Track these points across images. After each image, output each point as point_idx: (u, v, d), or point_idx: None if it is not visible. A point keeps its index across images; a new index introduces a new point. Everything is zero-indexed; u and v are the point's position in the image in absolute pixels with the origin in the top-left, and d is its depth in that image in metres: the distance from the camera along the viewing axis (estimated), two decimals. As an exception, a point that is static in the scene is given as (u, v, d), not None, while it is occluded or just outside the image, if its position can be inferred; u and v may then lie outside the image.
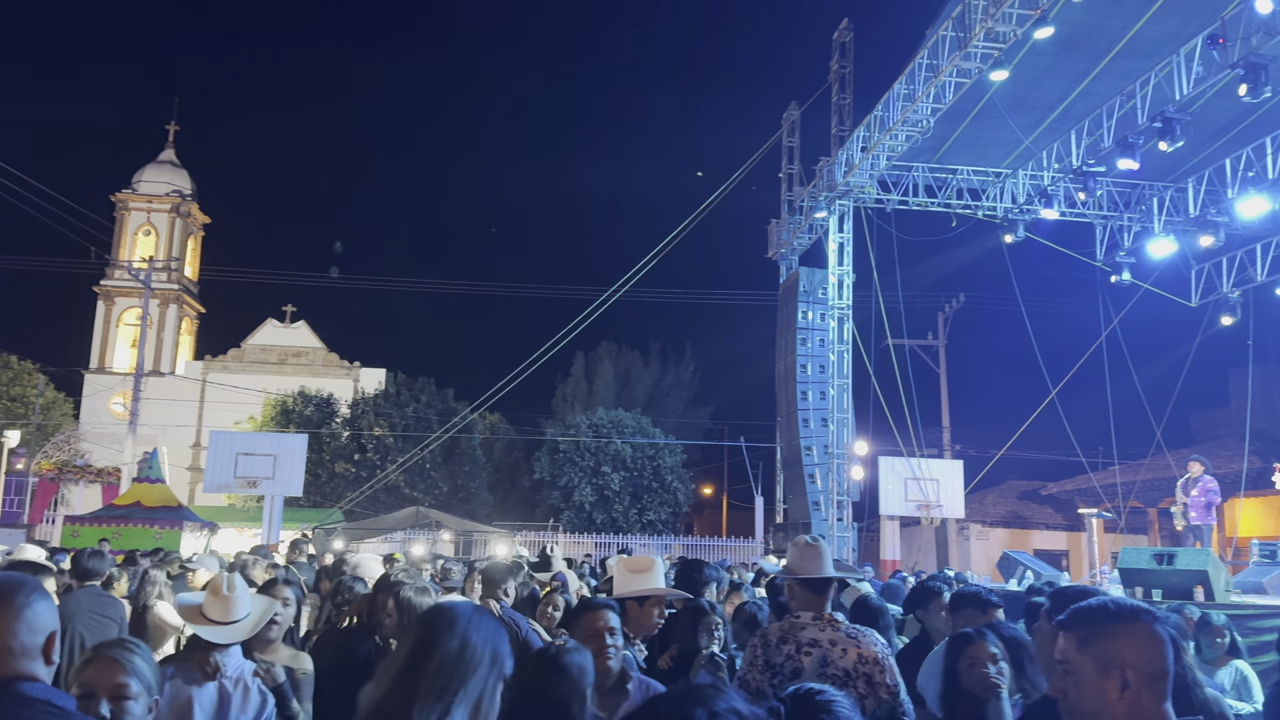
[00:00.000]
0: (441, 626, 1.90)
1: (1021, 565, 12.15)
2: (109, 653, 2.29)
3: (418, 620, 1.98)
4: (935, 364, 29.92)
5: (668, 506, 30.49)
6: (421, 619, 1.97)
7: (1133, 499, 23.43)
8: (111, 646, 2.31)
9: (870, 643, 3.59)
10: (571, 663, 2.82)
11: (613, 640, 3.21)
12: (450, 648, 1.86)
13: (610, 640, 3.21)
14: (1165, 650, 1.85)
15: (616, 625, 3.27)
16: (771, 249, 21.93)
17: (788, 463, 20.42)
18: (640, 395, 38.41)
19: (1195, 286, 19.13)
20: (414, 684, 1.82)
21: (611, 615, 3.29)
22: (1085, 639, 1.89)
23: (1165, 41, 13.14)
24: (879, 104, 16.08)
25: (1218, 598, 8.97)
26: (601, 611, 3.30)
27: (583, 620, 3.31)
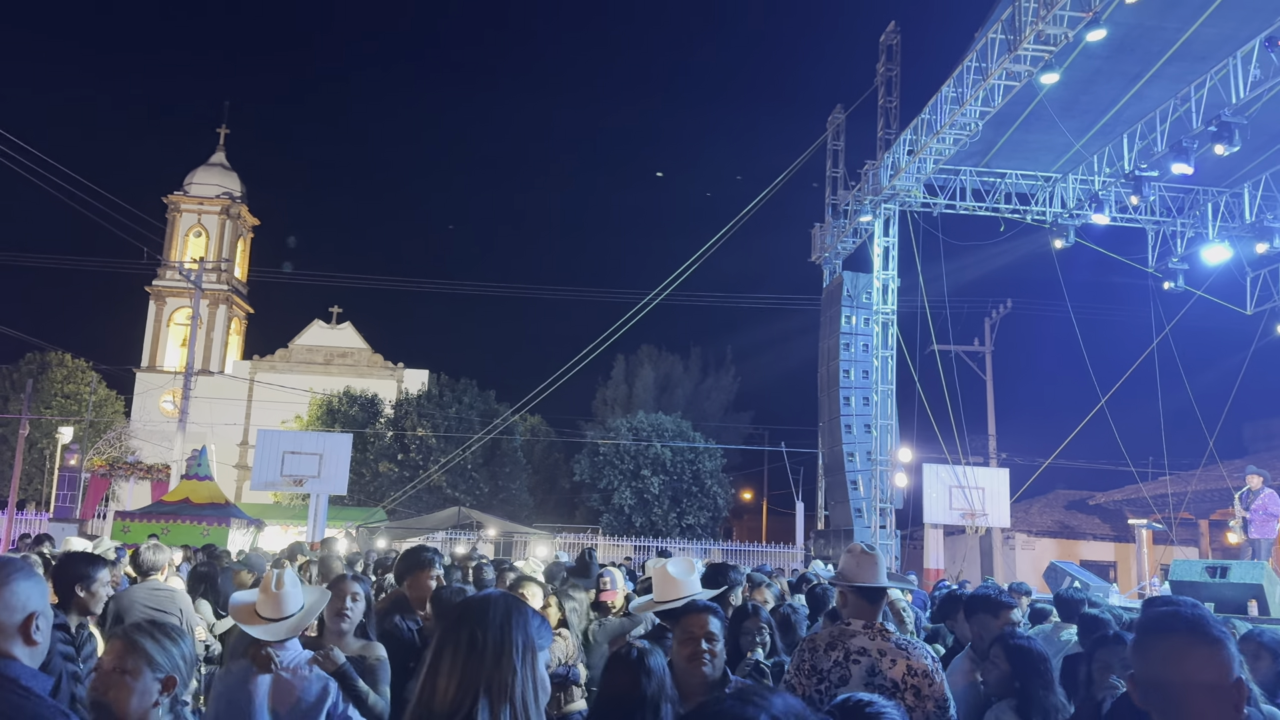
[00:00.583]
0: (472, 615, 1.91)
1: (1069, 576, 11.94)
2: (124, 634, 2.35)
3: (452, 612, 1.99)
4: (981, 370, 29.53)
5: (707, 511, 30.43)
6: (455, 610, 1.98)
7: (1183, 510, 22.93)
8: (133, 629, 2.37)
9: (920, 655, 3.56)
10: (657, 664, 2.81)
11: (709, 645, 3.16)
12: (478, 636, 1.87)
13: (707, 645, 3.16)
14: (1231, 665, 1.82)
15: (717, 630, 3.21)
16: (815, 253, 21.79)
17: (830, 469, 20.26)
18: (680, 399, 38.39)
19: (1250, 294, 18.70)
20: (454, 675, 1.85)
21: (712, 620, 3.23)
22: (1142, 647, 1.89)
23: (1221, 44, 12.86)
24: (926, 107, 15.91)
25: (1273, 612, 8.76)
26: (702, 615, 3.24)
27: (683, 622, 3.26)
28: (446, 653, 1.87)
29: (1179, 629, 1.86)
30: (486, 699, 1.82)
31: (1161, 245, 18.24)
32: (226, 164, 43.41)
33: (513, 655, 1.87)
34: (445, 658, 1.87)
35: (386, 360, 41.36)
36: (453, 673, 1.84)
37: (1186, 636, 1.85)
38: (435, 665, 1.88)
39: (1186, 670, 1.81)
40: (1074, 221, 17.31)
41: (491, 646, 1.86)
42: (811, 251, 21.99)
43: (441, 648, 1.90)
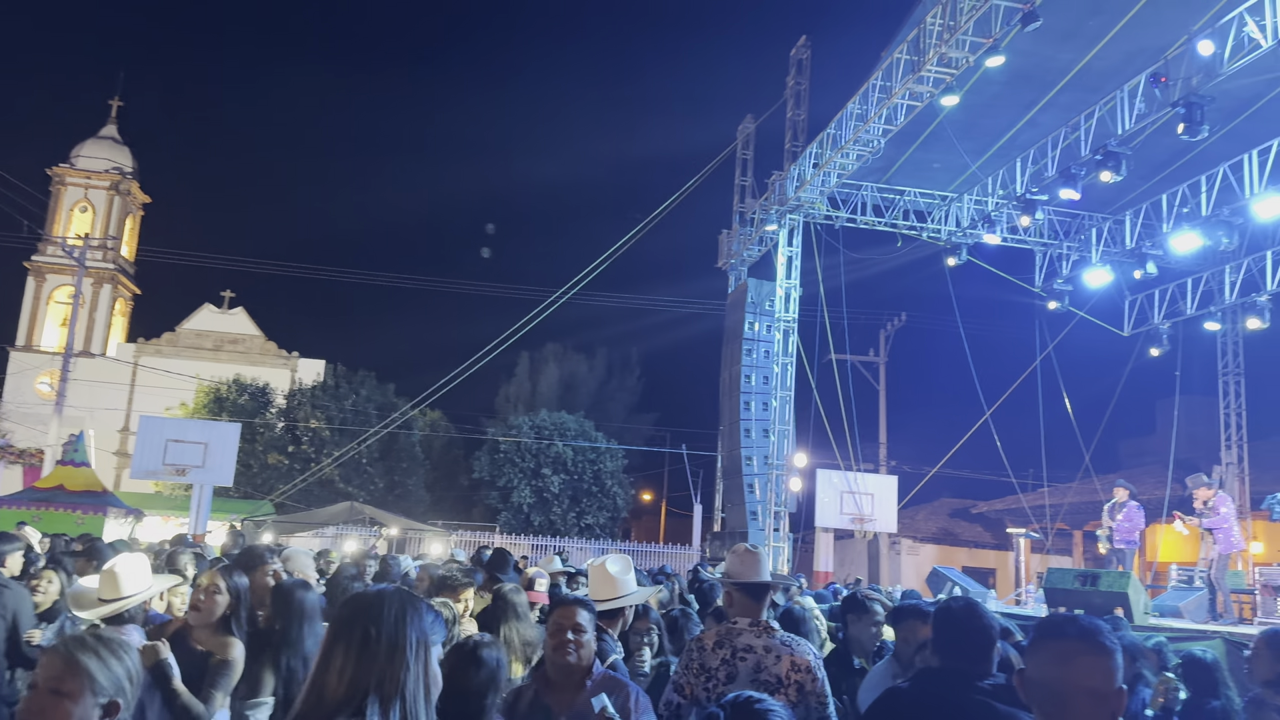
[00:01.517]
0: (366, 611, 1.89)
1: (950, 581, 12.40)
2: (64, 648, 2.10)
3: (345, 607, 1.97)
4: (875, 380, 30.38)
5: (606, 511, 30.49)
6: (348, 605, 1.96)
7: (1059, 520, 24.03)
8: (75, 643, 2.10)
9: (803, 652, 3.65)
10: (489, 657, 2.85)
11: (576, 637, 3.24)
12: (371, 632, 1.85)
13: (573, 636, 3.23)
14: (1114, 676, 1.91)
15: (584, 622, 3.29)
16: (721, 259, 22.09)
17: (728, 472, 20.55)
18: (584, 399, 38.37)
19: (1128, 317, 19.70)
20: (346, 671, 1.83)
21: (581, 612, 3.31)
22: (1035, 651, 1.98)
23: (1110, 76, 13.53)
24: (832, 122, 16.29)
25: (1136, 619, 9.26)
26: (571, 608, 3.32)
27: (553, 615, 3.34)
28: (339, 648, 1.85)
29: (1072, 634, 1.96)
30: (377, 695, 1.80)
31: (1048, 266, 19.06)
32: (118, 138, 41.40)
33: (406, 651, 1.86)
34: (337, 653, 1.85)
35: (281, 348, 40.11)
36: (345, 668, 1.82)
37: (1078, 642, 1.93)
38: (326, 659, 1.86)
39: (1074, 673, 1.89)
40: (967, 240, 17.95)
41: (385, 643, 1.85)
42: (718, 257, 22.28)
43: (334, 642, 1.87)
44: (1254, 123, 13.86)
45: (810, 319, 19.05)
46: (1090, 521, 20.02)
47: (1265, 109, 13.58)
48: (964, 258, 18.00)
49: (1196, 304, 18.28)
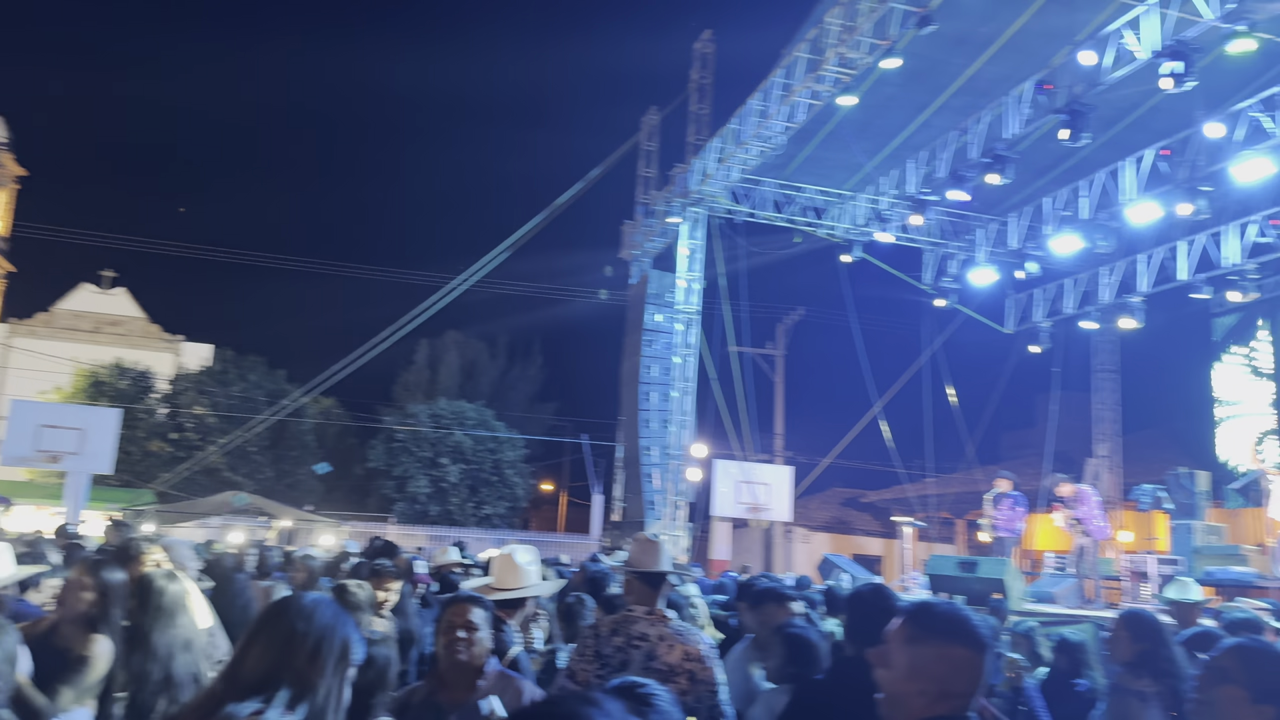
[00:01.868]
0: (300, 611, 1.93)
1: (838, 568, 12.77)
2: None
3: (281, 603, 2.00)
4: (773, 373, 30.90)
5: (506, 501, 30.30)
6: (281, 602, 1.99)
7: (944, 510, 24.94)
8: None
9: (696, 641, 3.71)
10: (378, 654, 2.81)
11: (468, 634, 3.20)
12: (299, 630, 1.89)
13: (465, 634, 3.20)
14: (979, 678, 1.93)
15: (477, 620, 3.26)
16: (624, 250, 22.12)
17: (627, 462, 20.66)
18: (485, 388, 37.95)
19: (1011, 315, 20.54)
20: (264, 661, 1.87)
21: (474, 610, 3.27)
22: (914, 639, 1.97)
23: (1000, 82, 14.03)
24: (734, 117, 16.48)
25: (1012, 605, 9.68)
26: (463, 605, 3.29)
27: (446, 612, 3.31)
28: (261, 638, 1.89)
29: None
30: (289, 692, 1.83)
31: (937, 265, 19.71)
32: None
33: (326, 661, 1.90)
34: (259, 642, 1.89)
35: (165, 331, 38.44)
36: (263, 657, 1.86)
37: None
38: (248, 645, 1.90)
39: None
40: (862, 238, 18.41)
41: (309, 645, 1.88)
42: (621, 248, 22.31)
43: (259, 632, 1.91)
44: (1132, 132, 14.59)
45: (711, 311, 19.30)
46: (972, 511, 20.83)
47: (1142, 119, 14.31)
48: (858, 255, 18.46)
49: (1076, 304, 19.17)
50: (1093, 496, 12.59)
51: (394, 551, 7.34)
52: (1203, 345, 19.49)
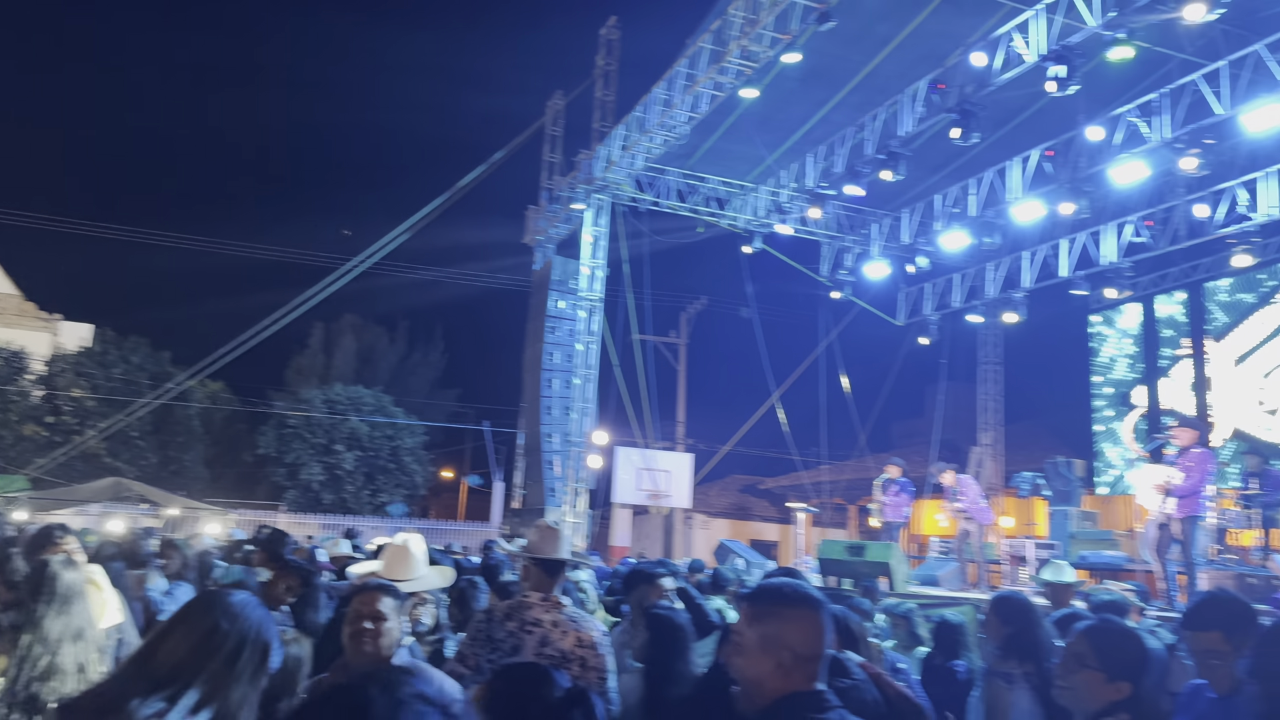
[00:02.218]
0: (226, 609, 1.90)
1: (733, 553, 13.00)
2: None
3: (206, 598, 1.96)
4: (675, 361, 31.15)
5: (403, 489, 29.80)
6: (210, 596, 1.96)
7: (837, 496, 25.61)
8: None
9: (590, 628, 3.73)
10: (290, 654, 2.74)
11: (375, 625, 3.12)
12: (222, 630, 1.85)
13: (371, 625, 3.12)
14: (825, 637, 2.02)
15: (386, 610, 3.17)
16: (528, 235, 21.96)
17: (529, 449, 20.56)
18: (383, 373, 37.19)
19: (902, 308, 21.19)
20: (177, 653, 1.82)
21: (383, 599, 3.19)
22: (755, 616, 2.05)
23: (895, 81, 14.40)
24: (639, 105, 16.51)
25: (897, 587, 10.02)
26: (371, 594, 3.20)
27: (352, 603, 3.22)
28: (179, 631, 1.84)
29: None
30: (199, 691, 1.78)
31: (834, 258, 20.18)
32: None
33: (244, 663, 1.85)
34: (176, 633, 1.83)
35: (41, 310, 36.44)
36: (177, 651, 1.81)
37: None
38: (163, 636, 1.85)
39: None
40: (762, 229, 18.69)
41: (230, 646, 1.83)
42: (525, 233, 22.14)
43: (177, 623, 1.86)
44: (1019, 132, 15.17)
45: (615, 298, 19.33)
46: (864, 497, 21.45)
47: (1029, 121, 14.90)
48: (758, 246, 18.73)
49: (963, 298, 19.89)
50: (973, 484, 13.12)
51: (283, 540, 7.14)
52: (1081, 339, 20.47)
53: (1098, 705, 2.54)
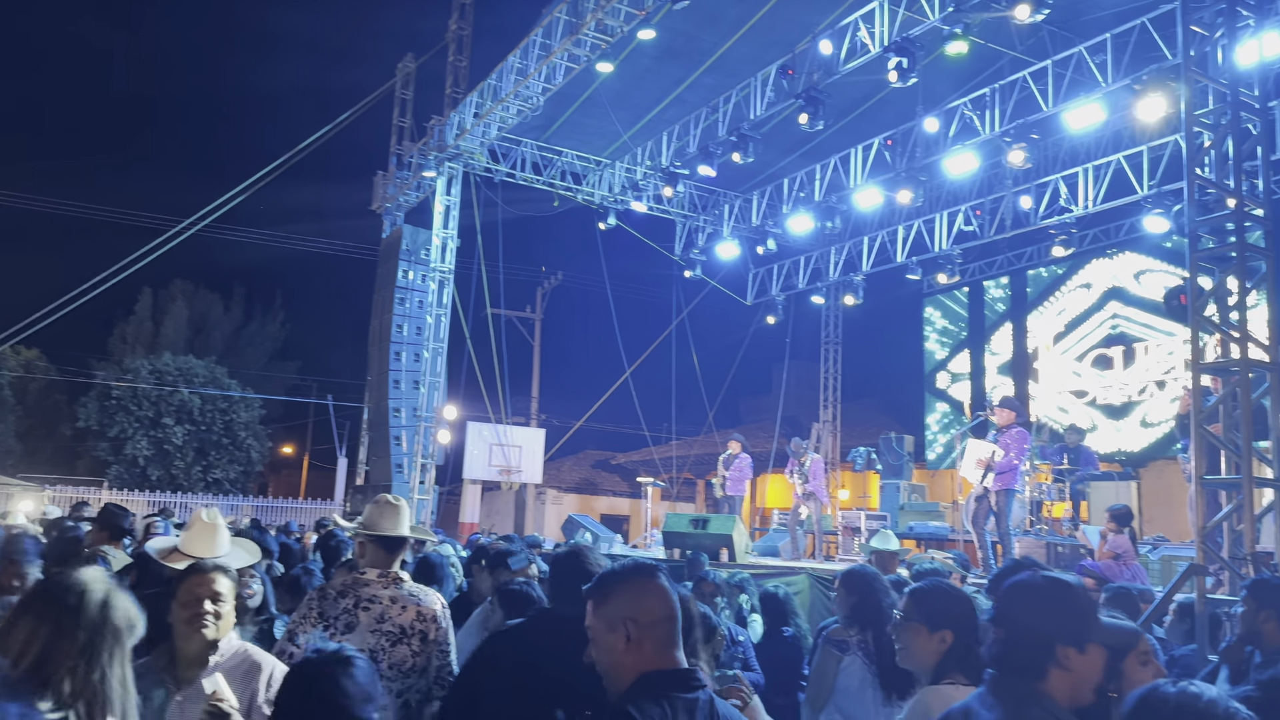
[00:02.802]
0: (67, 592, 1.84)
1: (582, 527, 13.09)
2: None
3: (46, 583, 1.92)
4: (531, 336, 30.99)
5: (239, 464, 28.53)
6: (51, 582, 1.91)
7: (686, 471, 26.14)
8: None
9: (430, 602, 3.70)
10: None
11: (215, 606, 3.00)
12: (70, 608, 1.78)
13: (211, 606, 2.99)
14: (665, 599, 2.02)
15: (224, 590, 3.05)
16: (376, 202, 21.26)
17: (374, 424, 20.02)
18: (217, 343, 35.35)
19: (751, 288, 21.74)
20: (36, 644, 1.76)
21: (220, 579, 3.06)
22: (596, 603, 2.05)
23: (748, 64, 14.66)
24: (493, 73, 16.20)
25: (738, 558, 10.32)
26: (209, 574, 3.07)
27: (187, 582, 3.07)
28: (28, 619, 1.77)
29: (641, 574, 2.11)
30: (70, 680, 1.73)
31: (687, 237, 20.47)
32: None
33: (102, 644, 1.80)
34: (26, 623, 1.76)
35: None
36: (33, 640, 1.74)
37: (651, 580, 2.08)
38: (13, 625, 1.78)
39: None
40: (617, 206, 18.74)
41: (85, 630, 1.77)
42: (373, 200, 21.43)
43: (24, 612, 1.78)
44: (862, 121, 15.73)
45: (467, 271, 18.99)
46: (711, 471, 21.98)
47: (872, 110, 15.46)
48: (613, 223, 18.77)
49: (807, 279, 20.58)
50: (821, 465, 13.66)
51: (123, 516, 6.66)
52: (914, 321, 21.55)
53: (928, 659, 2.68)
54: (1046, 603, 2.16)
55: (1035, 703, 2.06)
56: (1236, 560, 6.53)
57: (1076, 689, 2.10)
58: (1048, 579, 2.26)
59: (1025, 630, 2.13)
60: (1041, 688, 2.08)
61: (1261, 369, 6.80)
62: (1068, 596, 2.17)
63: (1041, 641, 2.10)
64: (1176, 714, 1.63)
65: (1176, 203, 13.88)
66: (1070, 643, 2.09)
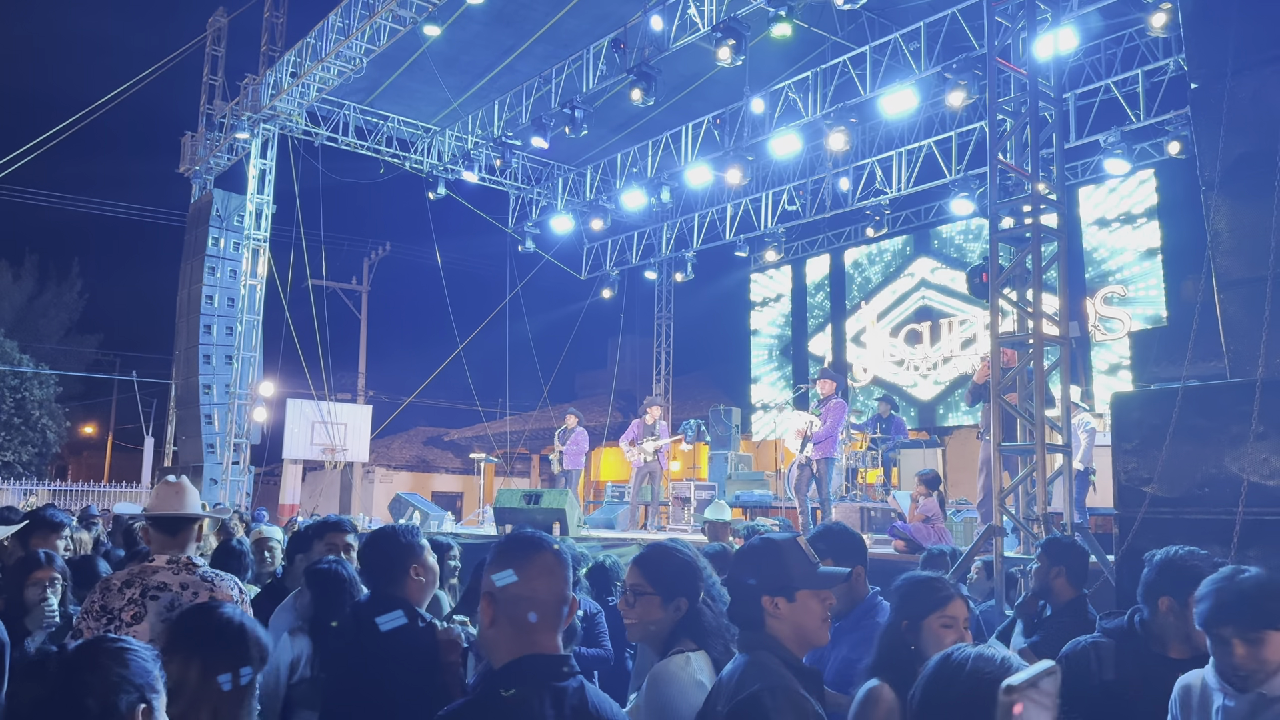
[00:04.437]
0: None
1: (411, 506, 12.74)
2: None
3: None
4: (357, 309, 29.91)
5: (33, 446, 26.28)
6: None
7: (520, 446, 25.98)
8: None
9: (227, 586, 3.54)
10: None
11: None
12: None
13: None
14: (557, 576, 1.95)
15: None
16: (184, 164, 19.84)
17: (183, 401, 18.78)
18: (7, 314, 32.38)
19: (585, 262, 21.73)
20: None
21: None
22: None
23: (580, 36, 14.51)
24: (313, 31, 15.37)
25: (571, 531, 10.32)
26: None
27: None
28: None
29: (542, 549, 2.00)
30: None
31: (520, 209, 20.19)
32: None
33: None
34: None
35: None
36: None
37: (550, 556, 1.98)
38: None
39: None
40: (448, 175, 18.21)
41: None
42: (180, 162, 20.00)
43: None
44: (693, 99, 15.89)
45: (285, 240, 18.04)
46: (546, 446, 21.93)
47: (702, 88, 15.64)
48: (443, 193, 18.23)
49: (639, 255, 20.75)
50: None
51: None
52: (742, 297, 22.09)
53: (663, 630, 2.68)
54: (754, 561, 2.36)
55: (764, 648, 2.26)
56: (1029, 521, 7.01)
57: (799, 632, 2.30)
58: (762, 540, 2.46)
59: (740, 587, 2.36)
60: (765, 634, 2.28)
61: (1054, 343, 7.31)
62: (772, 552, 2.36)
63: (752, 595, 2.31)
64: (971, 678, 1.69)
65: (980, 186, 14.81)
66: (778, 592, 2.29)
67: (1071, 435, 7.48)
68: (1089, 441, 8.90)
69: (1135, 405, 5.43)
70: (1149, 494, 5.08)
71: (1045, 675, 1.45)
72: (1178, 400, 4.95)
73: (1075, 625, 3.86)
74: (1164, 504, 5.05)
